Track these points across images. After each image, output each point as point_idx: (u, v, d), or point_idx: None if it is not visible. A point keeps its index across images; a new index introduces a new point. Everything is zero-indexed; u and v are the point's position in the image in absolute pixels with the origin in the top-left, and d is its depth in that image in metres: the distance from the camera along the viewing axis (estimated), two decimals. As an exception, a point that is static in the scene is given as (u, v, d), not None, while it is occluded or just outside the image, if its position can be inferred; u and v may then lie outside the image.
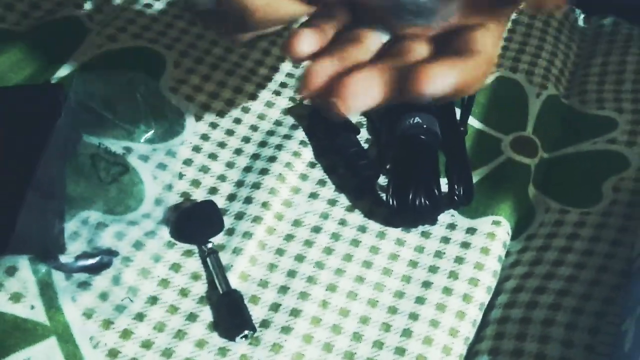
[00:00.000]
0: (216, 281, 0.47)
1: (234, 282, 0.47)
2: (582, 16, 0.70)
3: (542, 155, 0.57)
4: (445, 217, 0.52)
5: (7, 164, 0.48)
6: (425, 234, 0.51)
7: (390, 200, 0.51)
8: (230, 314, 0.45)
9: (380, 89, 0.36)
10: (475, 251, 0.50)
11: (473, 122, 0.58)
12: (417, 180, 0.51)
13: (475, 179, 0.54)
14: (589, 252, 0.50)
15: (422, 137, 0.53)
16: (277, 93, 0.58)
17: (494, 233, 0.51)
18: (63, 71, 0.57)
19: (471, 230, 0.51)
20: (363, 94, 0.35)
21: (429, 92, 0.36)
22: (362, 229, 0.51)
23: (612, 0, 0.69)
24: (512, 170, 0.55)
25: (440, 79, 0.36)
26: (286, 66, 0.60)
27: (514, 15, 0.66)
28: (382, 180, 0.53)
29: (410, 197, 0.50)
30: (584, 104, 0.62)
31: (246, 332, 0.44)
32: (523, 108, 0.60)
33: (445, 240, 0.51)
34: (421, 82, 0.36)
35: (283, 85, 0.59)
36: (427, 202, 0.50)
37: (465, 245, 0.50)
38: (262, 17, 0.38)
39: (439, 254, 0.50)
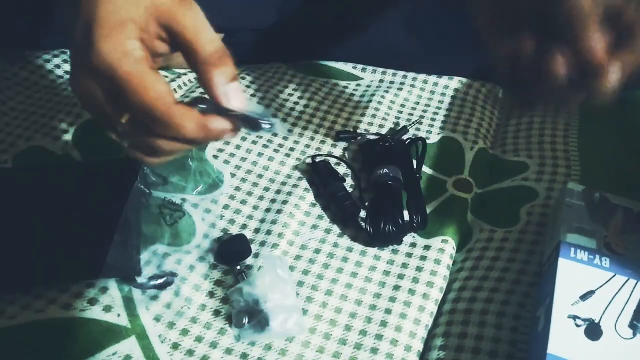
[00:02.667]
0: (247, 291, 0.46)
1: (260, 291, 0.47)
2: (501, 90, 0.70)
3: (476, 191, 0.57)
4: (408, 238, 0.52)
5: (100, 214, 0.48)
6: (394, 251, 0.51)
7: (369, 228, 0.51)
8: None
9: None
10: (430, 262, 0.50)
11: (426, 169, 0.58)
12: (387, 213, 0.51)
13: (428, 210, 0.54)
14: (511, 259, 0.50)
15: (390, 182, 0.53)
16: (287, 155, 0.59)
17: (443, 248, 0.51)
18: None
19: (427, 247, 0.51)
20: None
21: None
22: (350, 249, 0.51)
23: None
24: (455, 203, 0.55)
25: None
26: (292, 137, 0.61)
27: (452, 92, 0.67)
28: (363, 214, 0.53)
29: (382, 225, 0.50)
30: (504, 153, 0.62)
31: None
32: (461, 158, 0.60)
33: (409, 255, 0.51)
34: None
35: (291, 149, 0.59)
36: (394, 229, 0.50)
37: (423, 257, 0.50)
38: None
39: (404, 265, 0.50)
